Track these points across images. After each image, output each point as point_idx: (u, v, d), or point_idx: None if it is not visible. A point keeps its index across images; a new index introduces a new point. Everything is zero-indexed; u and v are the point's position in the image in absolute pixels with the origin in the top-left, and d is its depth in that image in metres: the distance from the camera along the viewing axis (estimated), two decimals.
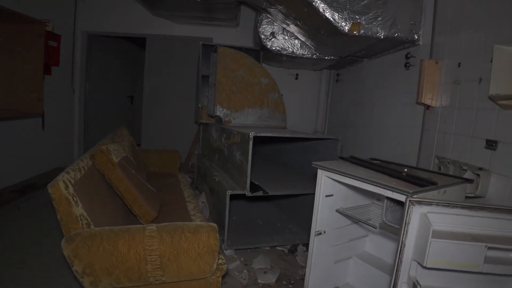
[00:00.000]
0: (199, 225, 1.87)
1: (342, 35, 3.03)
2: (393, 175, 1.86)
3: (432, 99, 2.79)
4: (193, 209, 2.90)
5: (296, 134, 3.12)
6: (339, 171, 1.95)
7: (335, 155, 3.13)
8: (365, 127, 4.16)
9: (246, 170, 2.86)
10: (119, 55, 6.78)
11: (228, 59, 4.07)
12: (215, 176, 3.48)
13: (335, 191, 2.22)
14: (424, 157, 2.92)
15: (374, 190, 1.80)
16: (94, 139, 3.71)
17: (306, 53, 4.25)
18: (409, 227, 1.58)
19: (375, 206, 2.47)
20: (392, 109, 3.53)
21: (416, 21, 3.05)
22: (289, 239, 3.25)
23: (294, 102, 5.55)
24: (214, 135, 4.20)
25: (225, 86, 4.05)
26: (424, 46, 3.05)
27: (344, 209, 2.26)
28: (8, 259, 2.62)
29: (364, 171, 2.01)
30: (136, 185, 2.54)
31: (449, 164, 2.51)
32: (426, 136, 2.91)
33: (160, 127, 6.01)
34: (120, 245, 1.65)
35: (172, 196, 3.26)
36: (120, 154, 2.63)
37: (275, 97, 4.33)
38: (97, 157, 2.33)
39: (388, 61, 3.65)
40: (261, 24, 4.15)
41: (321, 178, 2.14)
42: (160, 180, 3.80)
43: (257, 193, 2.89)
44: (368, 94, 4.12)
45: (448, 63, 2.70)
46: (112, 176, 2.36)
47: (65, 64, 5.23)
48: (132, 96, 7.36)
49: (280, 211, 4.03)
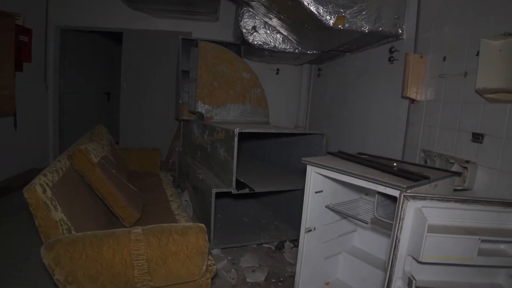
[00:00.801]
0: (187, 226, 1.80)
1: (327, 29, 2.99)
2: (384, 170, 1.84)
3: (417, 93, 2.79)
4: (177, 208, 2.82)
5: (281, 129, 3.07)
6: (330, 167, 1.92)
7: (320, 150, 3.11)
8: (348, 121, 4.16)
9: (231, 167, 2.80)
10: (94, 50, 6.53)
11: (209, 53, 3.97)
12: (199, 173, 3.39)
13: (324, 187, 2.18)
14: (410, 150, 2.93)
15: (367, 186, 1.77)
16: (70, 138, 3.54)
17: (288, 48, 4.20)
18: (404, 222, 1.55)
19: (363, 200, 2.45)
20: (376, 103, 3.53)
21: (400, 15, 3.05)
22: (276, 235, 3.22)
23: (275, 97, 5.49)
24: (195, 132, 4.11)
25: (206, 82, 3.95)
26: (408, 40, 3.05)
27: (333, 205, 2.23)
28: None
29: (354, 166, 1.98)
30: (117, 186, 2.44)
31: (435, 157, 2.52)
32: (411, 130, 2.92)
33: (138, 124, 5.83)
34: (104, 250, 1.56)
35: (154, 195, 3.17)
36: (100, 154, 2.53)
37: (257, 92, 4.27)
38: (76, 158, 2.22)
39: (372, 56, 3.64)
40: (242, 17, 4.07)
41: (311, 174, 2.10)
42: (142, 179, 3.68)
43: (243, 190, 2.83)
44: (351, 88, 4.12)
45: (433, 57, 2.71)
46: (91, 177, 2.26)
47: (37, 61, 5.00)
48: (108, 93, 7.13)
49: (265, 207, 3.98)
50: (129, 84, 5.77)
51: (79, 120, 5.95)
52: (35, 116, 5.11)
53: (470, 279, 1.68)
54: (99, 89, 6.88)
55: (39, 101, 5.23)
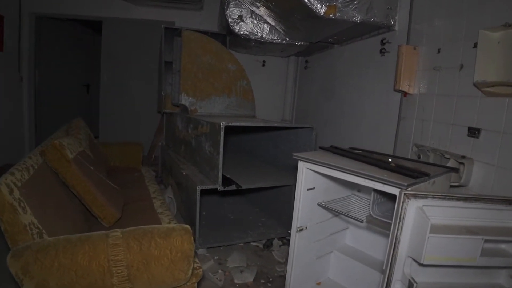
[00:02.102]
0: (170, 228, 1.67)
1: (317, 18, 2.87)
2: (381, 166, 1.74)
3: (410, 86, 2.71)
4: (160, 206, 2.68)
5: (270, 123, 2.95)
6: (324, 163, 1.81)
7: (309, 145, 3.01)
8: (336, 115, 4.06)
9: (217, 162, 2.66)
10: (72, 40, 6.24)
11: (193, 43, 3.80)
12: (182, 169, 3.24)
13: (316, 184, 2.08)
14: (401, 145, 2.86)
15: (363, 183, 1.67)
16: (47, 132, 3.33)
17: (275, 38, 4.06)
18: (404, 222, 1.46)
19: (356, 197, 2.37)
20: (366, 96, 3.44)
21: (392, 6, 2.95)
22: (264, 233, 3.11)
23: (260, 89, 5.32)
24: (179, 126, 3.95)
25: (190, 73, 3.79)
26: (401, 32, 2.96)
27: (326, 202, 2.13)
28: None
29: (349, 162, 1.88)
30: (96, 183, 2.30)
31: (429, 152, 2.44)
32: (403, 124, 2.84)
33: (119, 117, 5.60)
34: (80, 257, 1.41)
35: (136, 192, 3.01)
36: (76, 149, 2.37)
37: (243, 84, 4.13)
38: (49, 154, 2.06)
39: (362, 47, 3.54)
40: (228, 6, 3.91)
41: (303, 170, 1.99)
42: (123, 175, 3.52)
43: (229, 187, 2.70)
44: (340, 81, 4.02)
45: (426, 49, 2.62)
46: (66, 174, 2.10)
47: (10, 50, 4.72)
48: (88, 85, 6.86)
49: (251, 204, 3.87)
50: (109, 75, 5.52)
51: (57, 113, 5.69)
52: (8, 109, 4.84)
53: (470, 279, 1.61)
54: (78, 81, 6.61)
55: (12, 93, 4.95)
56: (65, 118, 3.50)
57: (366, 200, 2.29)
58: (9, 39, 4.62)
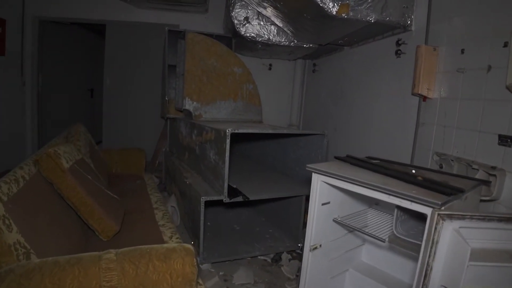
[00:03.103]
0: (170, 249, 1.49)
1: (328, 18, 2.69)
2: (407, 180, 1.55)
3: (429, 89, 2.52)
4: (162, 218, 2.52)
5: (279, 129, 2.77)
6: (343, 176, 1.62)
7: (320, 152, 2.83)
8: (347, 120, 3.87)
9: (222, 172, 2.48)
10: (76, 44, 6.13)
11: (198, 46, 3.65)
12: (186, 178, 3.07)
13: (331, 197, 1.89)
14: (420, 153, 2.66)
15: (388, 200, 1.48)
16: (50, 138, 3.19)
17: (283, 41, 3.89)
18: (438, 247, 1.27)
19: (373, 211, 2.18)
20: (379, 101, 3.25)
21: (408, 4, 2.76)
22: (272, 246, 2.92)
23: (267, 93, 5.16)
24: (183, 131, 3.78)
25: (194, 77, 3.63)
26: (418, 32, 2.77)
27: (342, 218, 1.94)
28: None
29: (369, 174, 1.69)
30: (93, 194, 2.15)
31: (452, 162, 2.25)
32: (422, 130, 2.65)
33: (122, 122, 5.46)
34: (68, 282, 1.25)
35: (137, 202, 2.87)
36: (73, 157, 2.22)
37: (249, 88, 3.97)
38: (43, 163, 1.93)
39: (374, 49, 3.35)
40: (233, 7, 3.75)
41: (317, 183, 1.80)
42: (124, 183, 3.38)
43: (236, 198, 2.52)
44: (350, 85, 3.83)
45: (447, 49, 2.43)
46: (62, 185, 1.97)
47: (12, 54, 4.61)
48: (92, 89, 6.74)
49: (258, 213, 3.68)
50: (112, 79, 5.39)
51: (60, 119, 5.57)
52: (11, 114, 4.73)
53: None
54: (81, 85, 6.50)
55: (14, 97, 4.84)
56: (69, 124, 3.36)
57: (385, 215, 2.11)
58: (11, 43, 4.52)
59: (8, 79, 4.62)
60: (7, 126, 4.62)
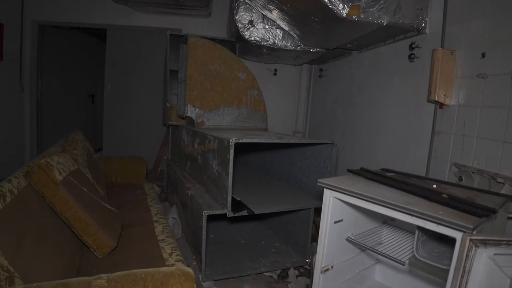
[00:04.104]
0: (168, 273, 1.34)
1: (337, 21, 2.55)
2: (431, 198, 1.39)
3: (446, 96, 2.36)
4: (162, 232, 2.38)
5: (286, 139, 2.61)
6: (361, 194, 1.46)
7: (329, 162, 2.67)
8: (355, 127, 3.71)
9: (226, 184, 2.33)
10: (77, 49, 6.03)
11: (200, 50, 3.51)
12: (188, 189, 2.92)
13: (344, 215, 1.73)
14: (436, 164, 2.50)
15: (410, 221, 1.32)
16: (49, 145, 3.07)
17: (289, 45, 3.74)
18: (470, 277, 1.11)
19: (387, 229, 2.01)
20: (391, 107, 3.09)
21: (422, 6, 2.61)
22: (278, 262, 2.76)
23: (272, 100, 5.01)
24: (185, 139, 3.64)
25: (197, 82, 3.49)
26: (432, 35, 2.62)
27: (355, 236, 1.78)
28: None
29: (387, 191, 1.53)
30: (88, 208, 2.01)
31: (473, 174, 2.08)
32: (439, 140, 2.48)
33: (123, 129, 5.32)
34: None
35: (137, 214, 2.74)
36: (68, 168, 2.09)
37: (254, 94, 3.82)
38: (34, 175, 1.80)
39: (385, 53, 3.20)
40: (237, 11, 3.61)
41: (329, 200, 1.64)
42: (123, 193, 3.25)
43: (240, 212, 2.36)
44: (359, 90, 3.67)
45: (466, 53, 2.27)
46: (54, 199, 1.84)
47: (10, 58, 4.50)
48: (92, 95, 6.62)
49: (263, 225, 3.51)
50: (113, 85, 5.26)
51: (60, 125, 5.44)
52: (9, 120, 4.61)
53: None
54: (82, 91, 6.37)
55: (13, 103, 4.73)
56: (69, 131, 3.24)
57: (401, 232, 1.95)
58: (10, 48, 4.42)
59: (6, 84, 4.51)
60: (5, 133, 4.50)
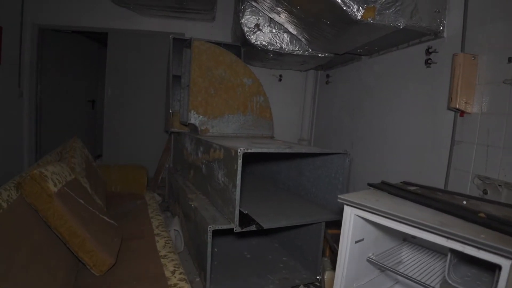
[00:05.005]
0: None
1: (351, 24, 2.41)
2: (467, 218, 1.24)
3: (467, 103, 2.22)
4: (164, 247, 2.24)
5: (297, 149, 2.46)
6: (390, 213, 1.30)
7: (341, 173, 2.52)
8: (365, 135, 3.56)
9: (233, 197, 2.17)
10: (78, 53, 5.90)
11: (204, 55, 3.38)
12: (191, 200, 2.77)
13: (365, 233, 1.58)
14: (456, 175, 2.34)
15: (447, 244, 1.17)
16: (49, 151, 2.95)
17: (296, 49, 3.61)
18: None
19: (408, 247, 1.85)
20: (404, 115, 2.94)
21: (440, 8, 2.48)
22: (287, 278, 2.59)
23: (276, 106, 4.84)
24: (188, 147, 3.49)
25: (201, 88, 3.35)
26: (451, 39, 2.48)
27: (377, 256, 1.62)
28: None
29: (416, 209, 1.38)
30: (85, 222, 1.87)
31: (500, 187, 1.93)
32: (459, 150, 2.33)
33: (124, 135, 5.18)
34: None
35: (137, 226, 2.60)
36: (64, 178, 1.94)
37: (260, 101, 3.68)
38: (26, 187, 1.66)
39: (399, 58, 3.05)
40: (243, 14, 3.49)
41: (351, 218, 1.49)
42: (123, 203, 3.11)
43: (248, 227, 2.20)
44: (370, 97, 3.52)
45: (489, 58, 2.13)
46: (48, 213, 1.69)
47: (9, 62, 4.36)
48: (93, 101, 6.49)
49: (270, 238, 3.35)
50: (114, 90, 5.13)
51: (60, 131, 5.28)
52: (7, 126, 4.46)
53: None
54: (82, 97, 6.23)
55: (11, 108, 4.57)
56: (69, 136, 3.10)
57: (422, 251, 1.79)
58: (8, 52, 4.28)
59: (4, 89, 4.37)
60: (3, 139, 4.35)
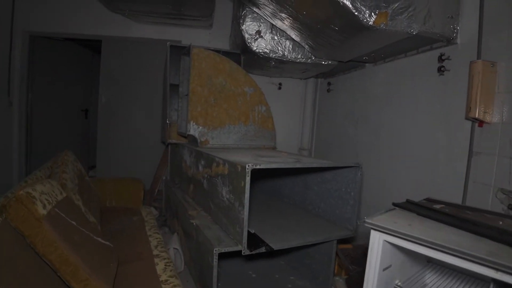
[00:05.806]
0: None
1: (362, 29, 2.29)
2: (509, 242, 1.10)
3: (486, 112, 2.09)
4: (164, 270, 2.08)
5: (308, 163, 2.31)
6: (429, 241, 1.15)
7: (353, 188, 2.38)
8: (372, 146, 3.43)
9: (240, 217, 2.01)
10: (70, 61, 5.70)
11: (204, 62, 3.23)
12: (192, 217, 2.60)
13: (392, 259, 1.43)
14: (475, 189, 2.21)
15: (496, 276, 1.02)
16: (40, 165, 2.78)
17: (299, 57, 3.48)
18: None
19: (431, 269, 1.71)
20: (414, 125, 2.81)
21: (453, 14, 2.37)
22: None
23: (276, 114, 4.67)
24: (187, 160, 3.32)
25: (200, 97, 3.20)
26: (465, 45, 2.37)
27: (403, 283, 1.47)
28: None
29: (453, 234, 1.23)
30: (78, 247, 1.69)
31: None
32: (478, 161, 2.21)
33: (119, 146, 4.98)
34: None
35: (134, 247, 2.43)
36: (54, 198, 1.77)
37: (262, 110, 3.54)
38: (12, 210, 1.49)
39: (408, 66, 2.93)
40: (244, 20, 3.36)
41: (379, 244, 1.34)
42: (119, 219, 2.94)
43: (258, 249, 2.04)
44: (375, 106, 3.39)
45: (508, 65, 2.02)
46: (36, 238, 1.51)
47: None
48: (86, 110, 6.29)
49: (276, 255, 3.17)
50: (108, 99, 4.94)
51: (52, 142, 5.11)
52: None
53: None
54: (75, 106, 6.03)
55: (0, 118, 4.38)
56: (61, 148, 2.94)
57: (446, 272, 1.65)
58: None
59: None
60: None
